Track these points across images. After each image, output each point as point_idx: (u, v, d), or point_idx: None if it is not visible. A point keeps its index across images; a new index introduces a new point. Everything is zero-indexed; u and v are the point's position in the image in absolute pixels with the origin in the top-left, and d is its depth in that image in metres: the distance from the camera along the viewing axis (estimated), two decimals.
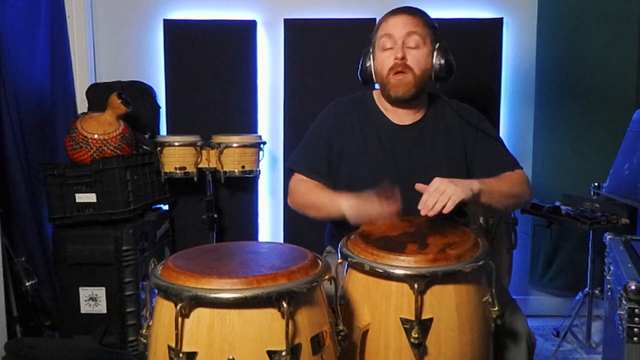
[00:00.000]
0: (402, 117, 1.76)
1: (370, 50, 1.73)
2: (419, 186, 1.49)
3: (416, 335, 1.22)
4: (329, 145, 1.75)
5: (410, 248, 1.31)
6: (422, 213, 1.43)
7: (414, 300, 1.22)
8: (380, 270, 1.25)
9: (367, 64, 1.72)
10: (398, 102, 1.72)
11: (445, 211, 1.41)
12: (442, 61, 1.68)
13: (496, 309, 1.32)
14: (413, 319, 1.23)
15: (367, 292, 1.30)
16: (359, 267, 1.30)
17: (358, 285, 1.32)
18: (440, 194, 1.43)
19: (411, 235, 1.41)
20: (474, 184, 1.49)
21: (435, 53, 1.69)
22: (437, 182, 1.46)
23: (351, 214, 1.54)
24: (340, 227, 1.76)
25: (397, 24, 1.67)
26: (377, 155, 1.72)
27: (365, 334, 1.29)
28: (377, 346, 1.28)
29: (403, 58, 1.64)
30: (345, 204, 1.56)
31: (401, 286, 1.24)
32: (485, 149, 1.74)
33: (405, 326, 1.24)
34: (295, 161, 1.79)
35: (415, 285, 1.21)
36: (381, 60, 1.68)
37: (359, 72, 1.76)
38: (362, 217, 1.52)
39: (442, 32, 1.74)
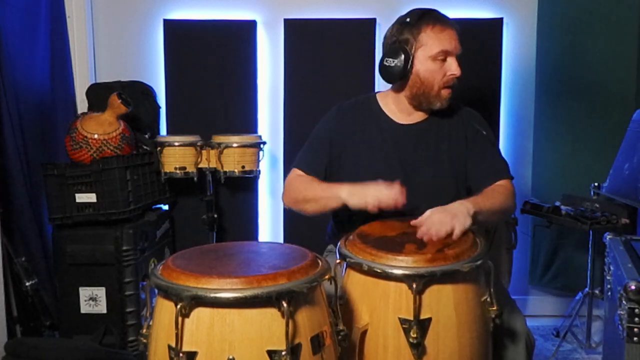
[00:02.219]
0: (406, 117, 1.78)
1: (410, 52, 1.66)
2: (414, 223, 1.47)
3: (415, 335, 1.23)
4: (330, 148, 1.77)
5: (408, 248, 1.31)
6: (426, 239, 1.40)
7: (412, 300, 1.22)
8: (378, 270, 1.25)
9: (406, 65, 1.66)
10: (425, 109, 1.75)
11: (453, 237, 1.39)
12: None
13: (495, 308, 1.32)
14: (411, 318, 1.23)
15: (365, 292, 1.30)
16: (357, 267, 1.31)
17: (356, 286, 1.32)
18: (443, 226, 1.40)
19: (409, 236, 1.42)
20: (469, 208, 1.47)
21: None
22: (434, 214, 1.44)
23: (352, 199, 1.52)
24: (342, 225, 1.77)
25: (452, 40, 1.68)
26: (381, 154, 1.74)
27: (363, 334, 1.29)
28: (375, 346, 1.28)
29: (458, 77, 1.69)
30: (344, 192, 1.55)
31: (399, 286, 1.24)
32: (480, 151, 1.76)
33: (404, 326, 1.24)
34: (296, 159, 1.81)
35: (414, 285, 1.22)
36: (432, 70, 1.67)
37: (380, 68, 1.71)
38: (364, 201, 1.49)
39: None
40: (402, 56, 1.66)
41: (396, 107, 1.78)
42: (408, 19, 1.69)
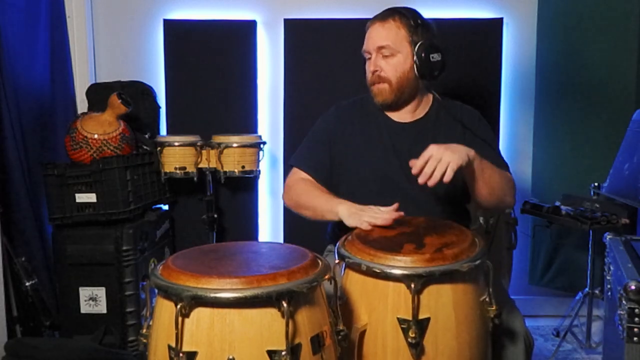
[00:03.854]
0: (403, 115, 1.78)
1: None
2: (412, 162, 1.48)
3: (413, 335, 1.22)
4: (330, 146, 1.78)
5: (407, 248, 1.31)
6: (421, 181, 1.43)
7: (411, 300, 1.22)
8: (377, 270, 1.25)
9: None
10: (384, 108, 1.76)
11: (445, 179, 1.41)
12: (423, 61, 1.67)
13: (494, 308, 1.32)
14: (410, 318, 1.23)
15: (364, 292, 1.30)
16: (356, 268, 1.30)
17: (355, 286, 1.32)
18: (437, 162, 1.43)
19: (408, 235, 1.42)
20: (470, 151, 1.49)
21: (415, 55, 1.67)
22: (432, 148, 1.46)
23: (349, 219, 1.53)
24: (342, 226, 1.77)
25: (370, 38, 1.73)
26: (380, 153, 1.74)
27: (362, 334, 1.29)
28: (374, 346, 1.28)
29: (375, 71, 1.70)
30: (343, 211, 1.55)
31: (398, 286, 1.24)
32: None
33: (403, 326, 1.24)
34: (295, 157, 1.82)
35: (412, 285, 1.21)
36: (366, 68, 1.76)
37: None
38: (359, 222, 1.50)
39: (431, 25, 1.73)
40: None
41: None
42: None
